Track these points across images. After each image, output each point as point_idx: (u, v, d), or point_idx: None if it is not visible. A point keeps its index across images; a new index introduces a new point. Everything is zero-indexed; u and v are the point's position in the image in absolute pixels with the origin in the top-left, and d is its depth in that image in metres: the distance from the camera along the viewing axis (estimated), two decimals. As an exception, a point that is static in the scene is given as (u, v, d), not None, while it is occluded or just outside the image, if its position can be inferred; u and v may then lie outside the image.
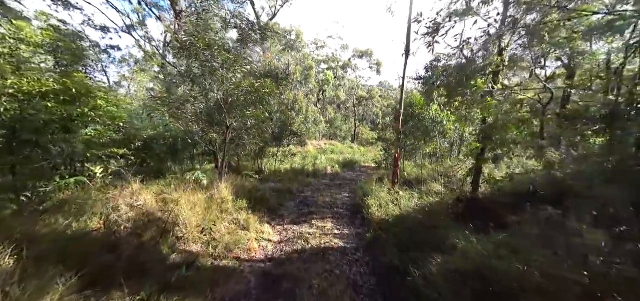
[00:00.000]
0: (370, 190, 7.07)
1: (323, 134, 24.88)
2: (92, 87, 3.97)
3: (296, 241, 4.62)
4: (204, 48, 4.41)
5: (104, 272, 2.32)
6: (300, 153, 16.25)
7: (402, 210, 4.78)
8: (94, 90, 3.92)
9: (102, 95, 4.10)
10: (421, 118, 5.93)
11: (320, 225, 5.55)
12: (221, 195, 5.68)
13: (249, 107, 5.65)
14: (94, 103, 3.84)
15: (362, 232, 5.05)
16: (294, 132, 10.84)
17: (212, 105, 5.52)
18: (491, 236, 3.04)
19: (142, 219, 3.43)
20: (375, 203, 5.45)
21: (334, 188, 9.64)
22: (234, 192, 6.33)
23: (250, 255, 4.11)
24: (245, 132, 7.21)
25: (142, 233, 3.20)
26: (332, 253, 4.11)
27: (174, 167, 6.60)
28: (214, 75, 4.91)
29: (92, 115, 3.82)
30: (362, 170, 14.71)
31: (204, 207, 4.82)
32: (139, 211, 3.49)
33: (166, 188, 4.57)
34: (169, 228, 3.55)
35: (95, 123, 3.99)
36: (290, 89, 16.81)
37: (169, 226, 3.59)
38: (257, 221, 5.38)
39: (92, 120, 3.94)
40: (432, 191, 6.10)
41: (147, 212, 3.58)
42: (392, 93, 32.19)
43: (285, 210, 6.76)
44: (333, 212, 6.61)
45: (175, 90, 5.80)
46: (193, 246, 3.73)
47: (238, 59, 4.92)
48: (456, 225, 3.49)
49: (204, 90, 5.42)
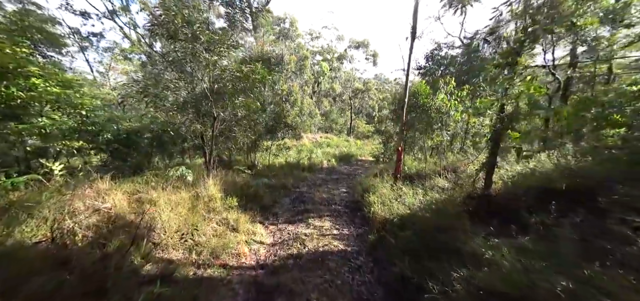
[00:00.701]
0: (370, 186, 6.66)
1: (319, 127, 24.37)
2: (22, 59, 3.16)
3: (291, 243, 4.17)
4: (182, 24, 3.82)
5: (44, 296, 1.82)
6: (295, 146, 15.77)
7: (408, 208, 4.36)
8: (26, 64, 3.16)
9: (37, 71, 3.38)
10: (426, 108, 5.50)
11: (317, 224, 5.11)
12: (208, 192, 5.16)
13: (238, 95, 5.09)
14: (27, 82, 3.12)
15: (363, 233, 4.63)
16: (289, 124, 10.32)
17: (197, 93, 4.95)
18: (513, 241, 2.64)
19: (108, 225, 2.91)
20: (377, 200, 5.02)
21: (331, 183, 9.22)
22: (223, 188, 5.82)
23: (239, 260, 3.64)
24: (236, 124, 6.66)
25: (108, 242, 2.69)
26: (332, 257, 3.68)
27: (158, 162, 6.02)
28: (197, 58, 4.33)
29: (23, 96, 3.10)
30: (359, 163, 14.32)
31: (188, 206, 4.31)
32: (105, 215, 2.97)
33: (144, 187, 4.02)
34: (143, 234, 3.04)
35: (53, 109, 3.34)
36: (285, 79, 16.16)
37: (144, 232, 3.08)
38: (248, 220, 4.90)
39: (54, 107, 3.32)
40: (437, 187, 5.71)
41: (116, 215, 3.06)
42: (387, 86, 31.77)
43: (279, 208, 6.29)
44: (331, 209, 6.18)
45: (162, 78, 5.22)
46: (172, 254, 3.24)
47: (223, 38, 4.33)
48: (473, 228, 3.08)
49: (187, 75, 4.83)
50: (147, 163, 5.98)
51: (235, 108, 5.81)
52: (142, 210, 3.25)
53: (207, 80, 5.01)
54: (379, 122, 14.68)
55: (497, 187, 4.09)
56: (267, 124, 9.87)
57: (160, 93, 4.34)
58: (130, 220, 3.12)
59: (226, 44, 4.42)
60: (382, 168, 9.63)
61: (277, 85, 11.89)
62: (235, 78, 4.70)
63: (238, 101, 5.29)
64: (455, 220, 3.33)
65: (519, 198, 3.55)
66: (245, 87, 4.86)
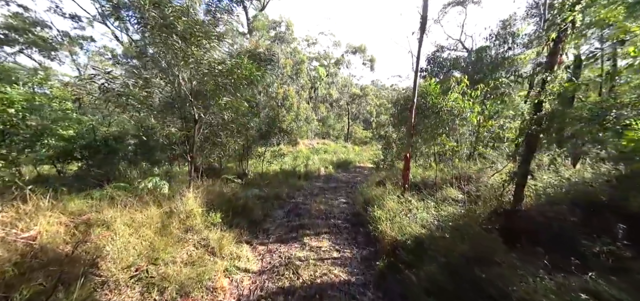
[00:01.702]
0: (373, 197, 5.97)
1: (315, 133, 23.77)
2: None
3: (282, 272, 3.42)
4: (149, 6, 3.15)
5: None
6: (291, 153, 15.10)
7: (422, 226, 3.66)
8: None
9: None
10: (437, 109, 4.88)
11: (314, 244, 4.38)
12: (186, 207, 4.41)
13: (221, 94, 4.40)
14: None
15: (369, 255, 3.90)
16: (284, 129, 9.64)
17: (171, 92, 4.24)
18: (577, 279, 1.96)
19: (31, 261, 2.14)
20: (384, 215, 4.32)
21: (329, 193, 8.51)
22: (206, 201, 5.07)
23: (215, 298, 2.89)
24: (223, 128, 5.94)
25: (14, 292, 1.89)
26: (332, 293, 2.94)
27: (130, 172, 5.26)
28: (172, 49, 3.64)
29: None
30: (357, 170, 13.68)
31: (158, 226, 3.55)
32: (20, 249, 2.19)
33: (100, 203, 3.26)
34: (81, 271, 2.28)
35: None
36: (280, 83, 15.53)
37: (84, 267, 2.32)
38: (232, 240, 4.16)
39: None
40: (449, 198, 5.05)
41: (42, 247, 2.30)
42: (384, 92, 31.50)
43: (271, 222, 5.55)
44: (329, 224, 5.46)
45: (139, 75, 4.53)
46: (124, 295, 2.47)
47: (204, 28, 3.65)
48: (513, 256, 2.40)
49: (163, 71, 4.13)
50: (118, 172, 5.21)
51: (221, 110, 5.09)
52: (88, 238, 2.50)
53: (186, 77, 4.31)
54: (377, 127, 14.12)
55: (528, 201, 3.43)
56: (260, 129, 9.19)
57: (127, 91, 3.63)
58: (65, 252, 2.37)
59: (207, 34, 3.75)
60: (384, 176, 8.99)
61: (271, 87, 11.24)
62: (218, 73, 4.01)
63: (223, 102, 4.58)
64: (486, 244, 2.64)
65: (562, 216, 2.88)
66: (230, 83, 4.17)
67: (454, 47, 12.35)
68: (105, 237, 2.65)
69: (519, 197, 3.26)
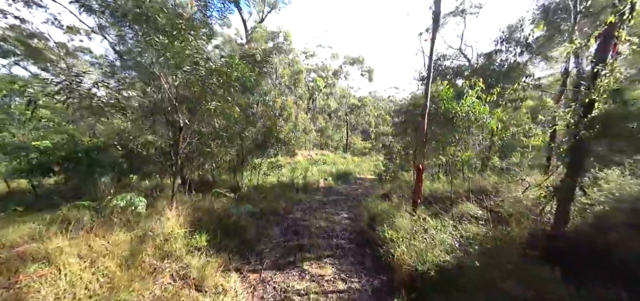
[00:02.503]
0: (379, 212, 5.37)
1: (314, 144, 23.26)
2: None
3: (277, 312, 2.77)
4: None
5: None
6: (289, 164, 14.50)
7: (446, 252, 3.05)
8: None
9: None
10: (450, 115, 4.38)
11: (315, 271, 3.74)
12: (165, 229, 3.78)
13: (209, 99, 3.86)
14: None
15: (381, 286, 3.27)
16: (281, 139, 9.09)
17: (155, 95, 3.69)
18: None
19: None
20: (396, 236, 3.70)
21: (330, 207, 7.87)
22: (192, 220, 4.45)
23: (189, 354, 2.23)
24: (214, 137, 5.38)
25: None
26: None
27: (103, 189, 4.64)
28: (152, 46, 3.12)
29: None
30: (358, 182, 13.09)
31: (124, 255, 2.91)
32: None
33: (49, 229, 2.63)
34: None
35: None
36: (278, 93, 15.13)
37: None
38: (219, 268, 3.52)
39: None
40: (467, 215, 4.46)
41: None
42: (381, 103, 31.41)
43: (266, 243, 4.90)
44: (331, 244, 4.82)
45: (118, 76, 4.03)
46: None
47: (181, 17, 3.15)
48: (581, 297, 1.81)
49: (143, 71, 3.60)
50: (93, 188, 4.58)
51: (211, 117, 4.54)
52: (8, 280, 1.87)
53: (170, 78, 3.78)
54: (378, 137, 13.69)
55: (574, 223, 2.86)
56: (256, 139, 8.63)
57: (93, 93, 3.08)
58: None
59: (193, 27, 3.25)
60: (389, 189, 8.40)
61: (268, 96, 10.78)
62: (205, 73, 3.49)
63: (212, 107, 4.04)
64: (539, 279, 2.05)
65: (625, 243, 2.31)
66: (219, 85, 3.63)
67: (455, 56, 12.11)
68: (43, 276, 2.02)
69: (563, 217, 2.69)
